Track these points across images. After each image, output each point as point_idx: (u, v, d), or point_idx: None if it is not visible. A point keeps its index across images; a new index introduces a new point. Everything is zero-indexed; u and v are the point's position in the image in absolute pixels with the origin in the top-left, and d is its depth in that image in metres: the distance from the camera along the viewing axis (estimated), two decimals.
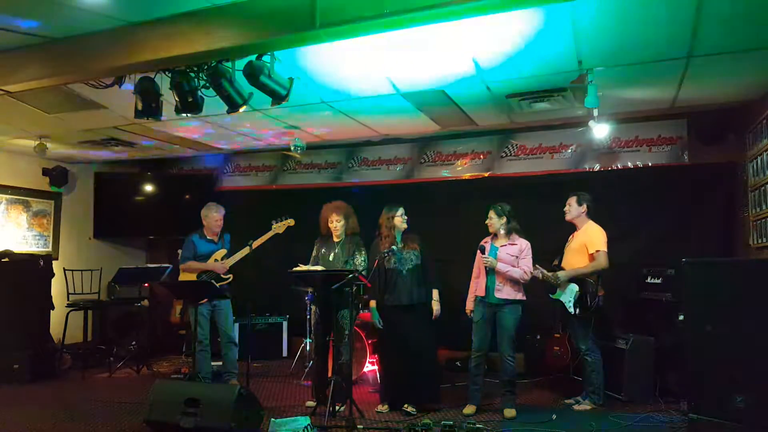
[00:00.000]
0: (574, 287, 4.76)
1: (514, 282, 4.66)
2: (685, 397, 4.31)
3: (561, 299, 4.84)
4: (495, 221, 4.79)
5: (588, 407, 4.71)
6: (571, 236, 5.05)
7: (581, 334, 4.79)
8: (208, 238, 5.48)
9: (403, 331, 4.74)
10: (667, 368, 4.97)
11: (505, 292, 4.64)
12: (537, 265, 4.85)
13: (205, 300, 5.21)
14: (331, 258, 4.94)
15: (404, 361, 4.73)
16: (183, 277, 5.44)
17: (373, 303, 4.84)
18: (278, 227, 5.22)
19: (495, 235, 4.85)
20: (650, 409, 4.63)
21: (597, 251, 4.70)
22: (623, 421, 4.36)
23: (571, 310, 4.74)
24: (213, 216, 5.44)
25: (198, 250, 5.40)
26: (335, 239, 5.01)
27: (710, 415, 3.87)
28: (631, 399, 4.89)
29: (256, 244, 5.14)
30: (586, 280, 4.72)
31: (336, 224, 4.96)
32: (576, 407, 4.74)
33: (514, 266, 4.67)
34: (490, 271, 4.69)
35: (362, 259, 4.92)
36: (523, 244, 4.77)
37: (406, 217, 4.89)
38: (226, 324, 5.40)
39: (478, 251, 4.81)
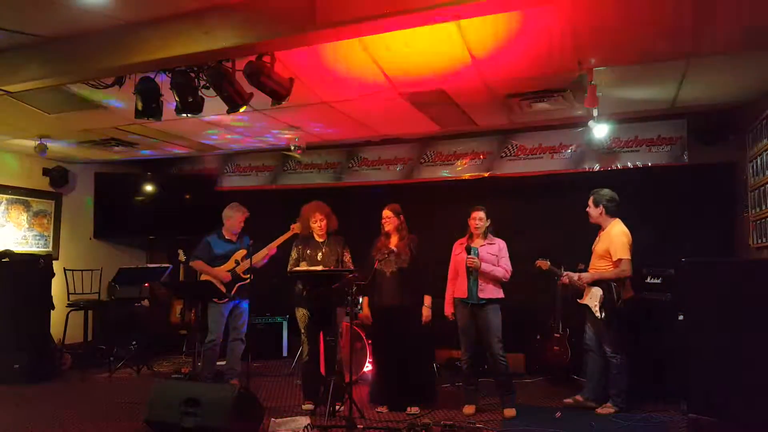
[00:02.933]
0: (598, 291, 4.71)
1: (495, 281, 4.67)
2: (685, 397, 4.32)
3: (588, 304, 4.79)
4: (483, 222, 4.78)
5: (611, 410, 4.59)
6: (597, 236, 4.96)
7: (606, 336, 4.70)
8: (226, 238, 5.46)
9: (386, 333, 4.78)
10: (667, 368, 4.96)
11: (487, 292, 4.64)
12: (567, 273, 4.84)
13: (226, 300, 5.21)
14: (319, 257, 4.95)
15: (388, 362, 4.79)
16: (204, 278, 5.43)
17: (365, 300, 4.92)
18: (297, 227, 5.21)
19: (470, 236, 4.82)
20: (650, 409, 4.63)
21: (620, 260, 4.64)
22: (623, 421, 4.36)
23: (598, 314, 4.68)
24: (237, 217, 5.43)
25: (215, 251, 5.38)
26: (318, 239, 5.02)
27: (710, 415, 3.87)
28: (631, 399, 4.88)
29: (274, 244, 5.25)
30: (608, 283, 4.67)
31: (320, 223, 4.98)
32: (599, 410, 4.62)
33: (495, 266, 4.68)
34: (473, 272, 4.68)
35: (349, 256, 5.03)
36: (501, 243, 4.79)
37: (395, 219, 4.83)
38: (240, 323, 5.39)
39: (456, 252, 4.80)
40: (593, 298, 4.74)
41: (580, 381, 5.09)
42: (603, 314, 4.65)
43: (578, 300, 4.88)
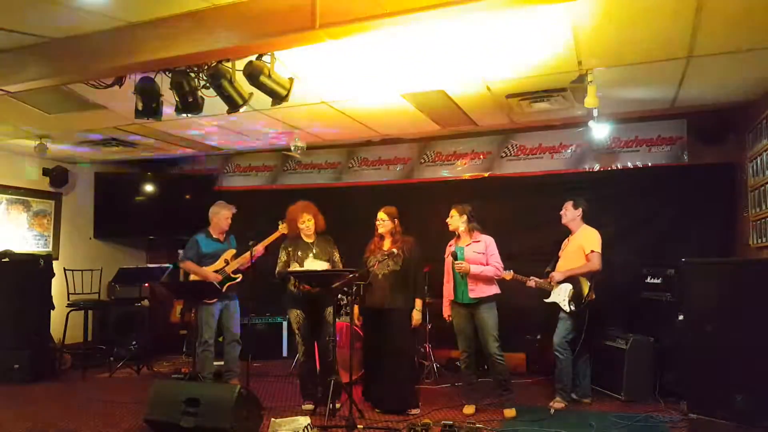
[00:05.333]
0: (567, 286, 4.80)
1: (487, 279, 4.64)
2: (685, 397, 4.32)
3: (555, 300, 4.86)
4: (456, 219, 4.74)
5: (562, 405, 4.71)
6: (565, 240, 5.08)
7: (563, 330, 4.80)
8: (214, 237, 5.40)
9: (375, 334, 4.79)
10: (667, 368, 4.97)
11: (479, 291, 4.61)
12: (532, 277, 4.89)
13: (215, 300, 5.20)
14: (311, 258, 4.94)
15: (374, 363, 4.79)
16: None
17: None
18: (285, 227, 5.19)
19: (458, 237, 4.80)
20: (650, 409, 4.62)
21: (592, 252, 4.76)
22: (623, 421, 4.36)
23: (566, 307, 4.77)
24: (223, 213, 5.35)
25: (202, 249, 5.32)
26: (306, 239, 4.98)
27: (710, 415, 3.87)
28: (631, 399, 4.89)
29: (262, 245, 5.14)
30: (579, 279, 4.77)
31: (308, 223, 4.93)
32: (551, 404, 4.71)
33: (483, 264, 4.64)
34: (463, 276, 4.63)
35: (338, 256, 5.01)
36: (487, 240, 4.74)
37: (390, 222, 4.80)
38: (233, 323, 5.36)
39: (448, 258, 4.77)
40: (561, 294, 4.82)
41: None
42: (572, 307, 4.74)
43: (545, 300, 4.94)
